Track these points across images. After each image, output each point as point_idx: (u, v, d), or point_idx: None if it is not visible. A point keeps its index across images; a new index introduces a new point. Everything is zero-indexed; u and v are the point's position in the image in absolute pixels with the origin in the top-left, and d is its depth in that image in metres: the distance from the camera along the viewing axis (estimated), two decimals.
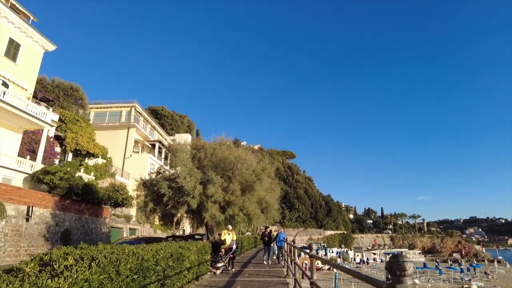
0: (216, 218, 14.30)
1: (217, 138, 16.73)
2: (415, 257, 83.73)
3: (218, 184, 14.32)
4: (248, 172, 15.33)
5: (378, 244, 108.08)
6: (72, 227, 22.40)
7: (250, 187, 15.34)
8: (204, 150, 15.90)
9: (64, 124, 36.82)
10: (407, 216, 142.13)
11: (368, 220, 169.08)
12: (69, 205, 22.41)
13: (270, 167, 17.59)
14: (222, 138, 16.69)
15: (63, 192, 21.29)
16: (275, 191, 18.33)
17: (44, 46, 28.73)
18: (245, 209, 15.18)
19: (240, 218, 15.08)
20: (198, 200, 14.14)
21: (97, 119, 47.42)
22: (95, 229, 25.60)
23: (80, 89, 42.20)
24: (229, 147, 16.32)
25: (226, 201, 14.66)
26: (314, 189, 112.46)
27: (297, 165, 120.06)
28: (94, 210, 25.63)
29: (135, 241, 13.64)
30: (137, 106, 47.46)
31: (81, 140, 35.96)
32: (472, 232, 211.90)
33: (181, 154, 15.23)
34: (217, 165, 15.60)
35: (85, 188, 22.79)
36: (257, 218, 15.97)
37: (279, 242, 15.88)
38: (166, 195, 14.27)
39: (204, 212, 14.23)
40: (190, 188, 13.83)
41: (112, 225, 28.86)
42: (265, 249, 16.11)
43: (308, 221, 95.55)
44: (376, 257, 77.60)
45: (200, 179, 14.82)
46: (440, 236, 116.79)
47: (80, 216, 23.75)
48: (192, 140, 17.10)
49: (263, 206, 16.60)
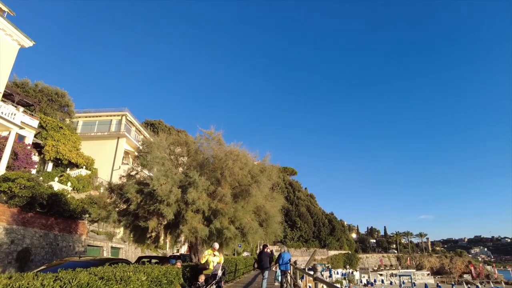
0: (198, 233, 10.62)
1: (204, 131, 13.22)
2: (424, 279, 79.16)
3: (202, 187, 10.86)
4: (243, 173, 11.77)
5: (384, 264, 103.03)
6: (34, 246, 18.71)
7: (245, 192, 11.80)
8: (187, 146, 12.51)
9: (45, 131, 33.59)
10: (413, 235, 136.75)
11: (371, 240, 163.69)
12: (32, 219, 18.79)
13: (271, 167, 13.86)
14: (210, 132, 13.15)
15: (23, 203, 17.73)
16: (277, 200, 14.59)
17: (20, 41, 25.82)
18: (237, 220, 11.52)
19: (231, 232, 11.18)
20: (175, 209, 10.67)
21: (86, 129, 44.34)
22: (66, 247, 21.88)
23: (66, 95, 39.13)
24: (219, 142, 12.89)
25: (212, 210, 11.13)
26: (317, 206, 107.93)
27: (298, 181, 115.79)
28: (66, 225, 21.97)
29: (75, 264, 9.77)
30: (128, 115, 44.33)
31: (62, 148, 32.61)
32: (477, 251, 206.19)
33: (156, 151, 11.75)
34: (203, 164, 12.18)
35: (51, 198, 19.23)
36: (253, 233, 12.04)
37: (283, 265, 12.11)
38: (134, 202, 10.77)
39: (182, 224, 10.69)
40: (164, 193, 10.35)
41: (89, 243, 25.05)
42: (263, 274, 12.11)
43: (311, 241, 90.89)
44: (383, 278, 73.29)
45: (180, 181, 11.38)
46: (448, 256, 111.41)
47: (47, 232, 20.08)
48: (173, 135, 13.53)
49: (262, 218, 12.98)
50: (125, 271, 4.76)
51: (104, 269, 4.86)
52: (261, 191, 11.92)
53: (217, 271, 9.15)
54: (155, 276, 5.50)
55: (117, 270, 4.96)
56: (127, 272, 4.92)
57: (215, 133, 13.09)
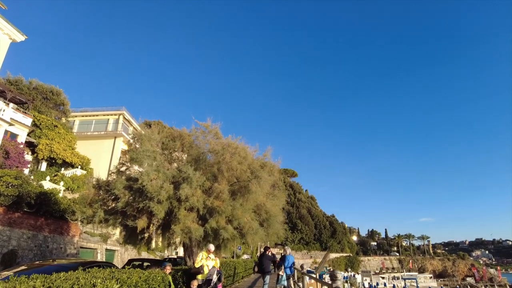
0: (191, 233, 9.56)
1: (200, 124, 12.15)
2: (426, 282, 77.84)
3: (197, 183, 9.83)
4: (241, 167, 10.68)
5: (386, 267, 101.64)
6: (21, 248, 17.69)
7: (244, 189, 10.77)
8: (181, 139, 11.49)
9: (39, 130, 32.57)
10: (415, 237, 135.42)
11: (372, 242, 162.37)
12: (19, 219, 17.78)
13: (272, 164, 12.74)
14: (207, 124, 12.10)
15: (9, 202, 16.73)
16: (278, 198, 13.49)
17: (11, 35, 24.94)
18: (235, 220, 10.42)
19: (228, 233, 10.05)
20: (167, 207, 9.64)
21: (82, 128, 43.39)
22: (57, 249, 20.85)
23: (62, 94, 38.12)
24: (217, 135, 11.84)
25: (207, 208, 10.07)
26: (318, 209, 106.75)
27: (299, 183, 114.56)
28: (57, 226, 20.97)
29: (48, 269, 8.58)
30: (125, 114, 43.34)
31: (56, 147, 31.58)
32: (479, 254, 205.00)
33: (147, 143, 10.71)
34: (199, 159, 11.16)
35: (40, 198, 18.20)
36: (253, 233, 10.89)
37: (287, 269, 10.78)
38: (122, 199, 9.74)
39: (174, 223, 9.65)
40: (155, 189, 9.32)
41: (82, 245, 23.98)
42: (263, 278, 11.02)
43: (312, 243, 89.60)
44: (385, 281, 72.02)
45: (173, 177, 10.36)
46: (451, 259, 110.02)
47: (36, 234, 19.06)
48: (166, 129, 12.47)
49: (262, 217, 11.90)
50: (89, 278, 3.75)
51: (65, 276, 3.85)
52: (261, 188, 10.84)
53: (212, 276, 8.09)
54: (132, 283, 4.47)
55: (81, 276, 3.95)
56: (94, 279, 3.91)
57: (212, 126, 12.05)
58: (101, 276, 4.12)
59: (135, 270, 5.07)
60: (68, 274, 4.05)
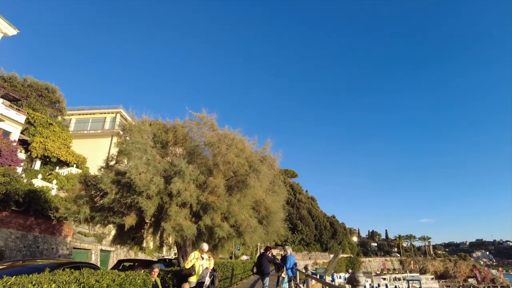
0: (183, 231, 8.69)
1: (194, 115, 11.32)
2: (428, 283, 76.97)
3: (190, 177, 9.03)
4: (239, 160, 9.85)
5: (388, 268, 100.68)
6: (9, 248, 16.87)
7: (241, 184, 9.95)
8: (174, 131, 10.69)
9: (33, 127, 31.80)
10: (416, 238, 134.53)
11: (373, 243, 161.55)
12: (7, 218, 16.96)
13: (273, 157, 11.87)
14: (202, 116, 11.27)
15: None
16: (279, 194, 12.64)
17: (2, 29, 24.14)
18: (232, 217, 9.58)
19: (224, 231, 9.25)
20: (157, 202, 8.84)
21: (79, 126, 42.70)
22: (48, 250, 20.03)
23: (57, 91, 37.33)
24: (212, 127, 11.02)
25: (201, 204, 9.25)
26: (318, 209, 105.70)
27: (299, 184, 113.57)
28: (48, 225, 20.14)
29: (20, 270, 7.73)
30: (122, 112, 42.59)
31: (51, 145, 30.77)
32: (479, 255, 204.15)
33: (137, 134, 9.90)
34: (193, 152, 10.35)
35: (28, 196, 17.38)
36: (251, 231, 9.98)
37: (289, 270, 10.10)
38: (109, 195, 8.93)
39: (164, 220, 8.83)
40: (144, 183, 8.52)
41: (75, 246, 23.14)
42: (263, 281, 10.22)
43: (312, 244, 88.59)
44: (386, 282, 71.17)
45: (164, 171, 9.56)
46: (452, 260, 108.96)
47: (26, 234, 18.25)
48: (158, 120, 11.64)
49: (262, 214, 11.08)
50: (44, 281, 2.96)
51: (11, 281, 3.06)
52: (260, 182, 10.01)
53: (204, 278, 7.28)
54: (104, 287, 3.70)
55: (34, 279, 3.16)
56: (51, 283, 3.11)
57: (208, 117, 11.23)
58: (60, 280, 3.32)
59: (109, 272, 4.28)
60: (21, 278, 3.25)
